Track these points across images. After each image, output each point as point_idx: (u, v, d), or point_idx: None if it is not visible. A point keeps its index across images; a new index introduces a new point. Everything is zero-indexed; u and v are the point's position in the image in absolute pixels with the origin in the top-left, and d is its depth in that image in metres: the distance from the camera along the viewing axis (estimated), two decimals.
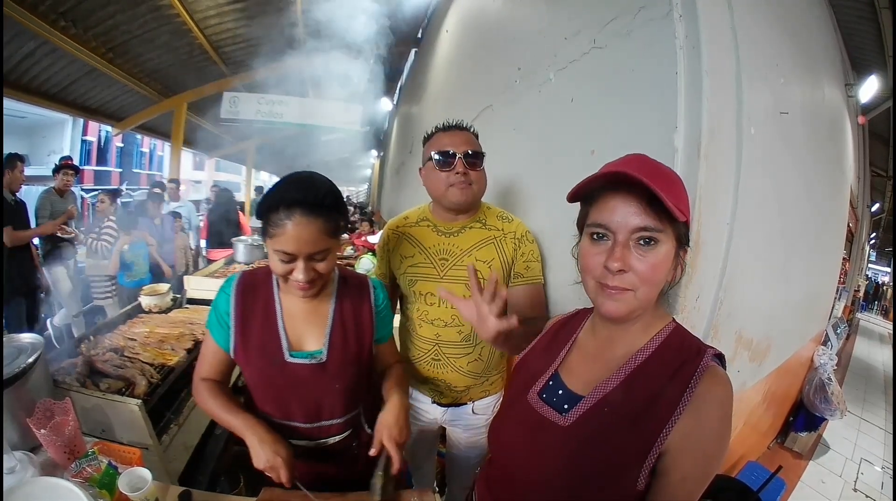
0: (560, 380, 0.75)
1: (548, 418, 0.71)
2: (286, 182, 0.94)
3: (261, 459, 0.93)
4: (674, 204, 0.60)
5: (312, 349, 1.03)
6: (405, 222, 1.37)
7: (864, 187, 4.79)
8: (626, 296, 0.64)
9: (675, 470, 0.61)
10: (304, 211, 0.87)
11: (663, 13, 1.03)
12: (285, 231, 0.87)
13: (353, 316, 1.09)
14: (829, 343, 3.10)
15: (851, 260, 5.18)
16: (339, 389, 1.06)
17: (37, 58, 4.18)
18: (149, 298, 2.37)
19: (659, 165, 0.66)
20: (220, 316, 1.03)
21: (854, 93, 3.21)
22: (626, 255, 0.63)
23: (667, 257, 0.63)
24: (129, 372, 1.66)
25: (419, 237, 1.32)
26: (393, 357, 1.24)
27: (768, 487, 1.67)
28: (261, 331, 1.02)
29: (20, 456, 1.01)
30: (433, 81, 4.52)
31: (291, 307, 1.05)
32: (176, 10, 4.20)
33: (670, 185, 0.62)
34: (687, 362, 0.64)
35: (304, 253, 0.90)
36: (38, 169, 10.61)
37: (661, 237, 0.63)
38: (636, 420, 0.62)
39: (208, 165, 18.37)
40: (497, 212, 1.34)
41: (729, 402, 0.62)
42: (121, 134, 6.71)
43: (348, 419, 1.11)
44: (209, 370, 1.08)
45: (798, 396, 2.76)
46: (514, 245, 1.28)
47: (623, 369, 0.67)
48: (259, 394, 1.07)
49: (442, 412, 1.40)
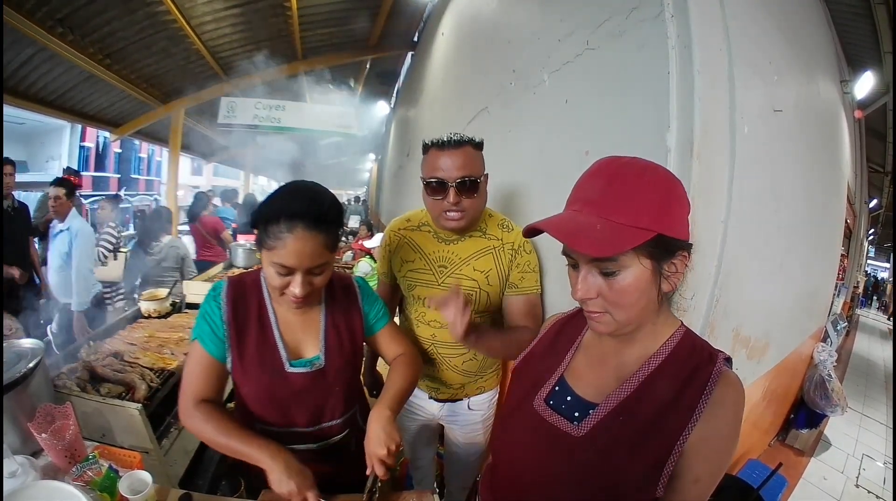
0: (567, 386, 0.74)
1: (558, 427, 0.70)
2: (287, 193, 0.90)
3: (284, 486, 0.87)
4: (629, 222, 0.58)
5: (310, 357, 1.03)
6: (407, 224, 1.37)
7: (861, 183, 4.79)
8: (605, 318, 0.65)
9: (689, 472, 0.61)
10: (307, 225, 0.84)
11: (655, 13, 1.04)
12: (285, 245, 0.84)
13: (344, 318, 1.09)
14: (828, 340, 3.10)
15: (850, 256, 5.18)
16: (339, 390, 1.07)
17: (34, 64, 4.18)
18: (148, 303, 2.38)
19: (617, 179, 0.62)
20: (213, 327, 0.97)
21: (850, 89, 3.22)
22: (590, 283, 0.64)
23: (637, 279, 0.61)
24: (129, 377, 1.67)
25: (420, 243, 1.33)
26: (396, 346, 1.16)
27: (769, 484, 1.66)
28: (257, 343, 0.99)
29: (21, 460, 1.02)
30: (429, 84, 4.53)
31: (285, 316, 1.03)
32: (173, 16, 4.20)
33: (629, 199, 0.60)
34: (700, 367, 0.64)
35: (304, 267, 0.87)
36: (36, 175, 10.65)
37: (622, 264, 0.61)
38: (653, 428, 0.63)
39: (206, 171, 18.39)
40: (499, 220, 1.32)
41: (741, 405, 0.63)
42: (119, 140, 6.70)
43: (347, 418, 1.12)
44: (203, 387, 0.97)
45: (798, 393, 2.76)
46: (511, 256, 1.26)
47: (636, 376, 0.67)
48: (258, 406, 1.03)
49: (439, 408, 1.42)
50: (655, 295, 0.64)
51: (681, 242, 0.63)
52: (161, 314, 2.39)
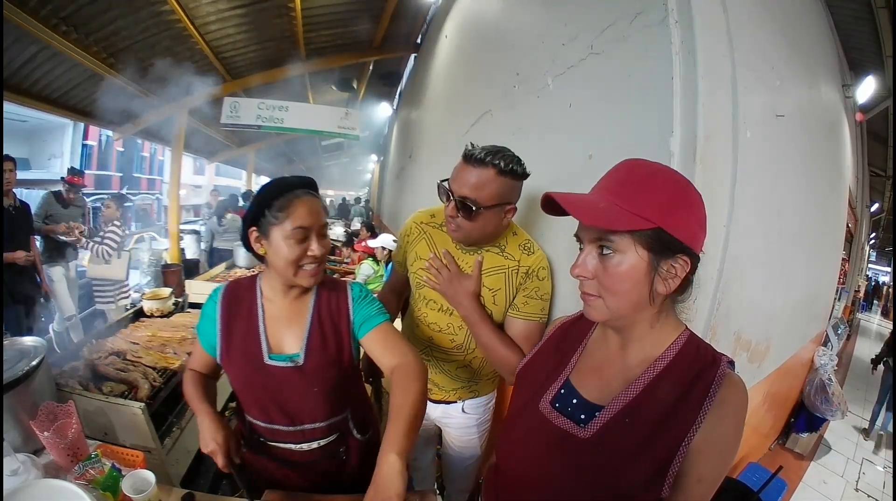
0: (573, 388, 0.75)
1: (565, 429, 0.70)
2: (273, 181, 1.01)
3: (205, 446, 1.01)
4: (632, 209, 0.61)
5: (291, 352, 1.04)
6: (431, 220, 1.34)
7: (862, 187, 4.79)
8: (597, 303, 0.67)
9: (693, 472, 0.62)
10: (307, 190, 1.00)
11: (659, 18, 1.04)
12: (297, 207, 0.95)
13: (331, 318, 1.09)
14: (829, 344, 3.10)
15: (851, 260, 5.18)
16: (318, 392, 1.06)
17: (38, 62, 4.19)
18: (150, 302, 2.38)
19: (636, 171, 0.66)
20: (207, 322, 1.09)
21: (851, 93, 3.22)
22: (588, 262, 0.66)
23: (632, 267, 0.63)
24: (132, 376, 1.67)
25: (438, 243, 1.29)
26: (393, 350, 1.01)
27: (769, 488, 1.66)
28: (243, 334, 1.05)
29: (23, 459, 1.02)
30: (432, 87, 4.53)
31: (273, 311, 1.07)
32: (177, 15, 4.21)
33: (637, 191, 0.63)
34: (704, 369, 0.65)
35: (318, 225, 0.98)
36: (38, 173, 10.67)
37: (619, 246, 0.63)
38: (659, 430, 0.63)
39: (209, 170, 18.41)
40: (522, 240, 1.24)
41: (744, 407, 0.64)
42: (121, 138, 6.71)
43: (332, 423, 1.10)
44: (197, 363, 1.16)
45: (799, 397, 2.76)
46: (522, 279, 1.21)
47: (642, 378, 0.67)
48: (243, 397, 1.11)
49: (433, 409, 1.42)
50: (648, 292, 0.64)
51: (682, 245, 0.63)
52: (163, 313, 2.39)
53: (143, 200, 16.01)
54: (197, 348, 1.14)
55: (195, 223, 8.67)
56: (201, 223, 7.13)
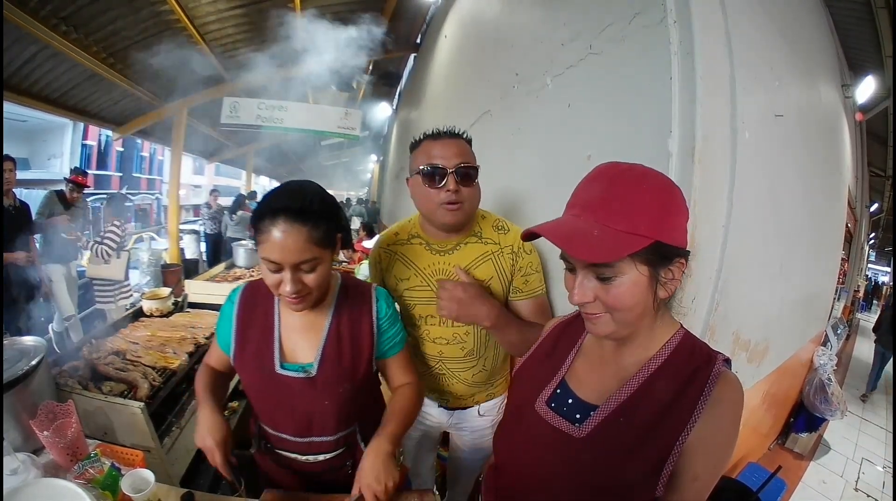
0: (568, 388, 0.75)
1: (560, 429, 0.71)
2: (275, 190, 0.93)
3: (200, 441, 1.00)
4: (627, 229, 0.59)
5: (304, 362, 1.01)
6: (395, 239, 1.30)
7: (862, 188, 4.80)
8: (603, 319, 0.66)
9: (688, 471, 0.62)
10: (289, 218, 0.84)
11: (658, 19, 1.05)
12: (269, 238, 0.85)
13: (351, 330, 1.04)
14: (828, 344, 3.10)
15: (850, 260, 5.19)
16: (330, 405, 1.02)
17: (38, 62, 4.20)
18: (150, 302, 2.38)
19: (617, 181, 0.63)
20: (224, 322, 1.07)
21: (851, 93, 3.23)
22: (587, 288, 0.64)
23: (634, 285, 0.62)
24: (131, 375, 1.67)
25: (412, 258, 1.25)
26: (403, 375, 1.13)
27: (768, 487, 1.67)
28: (257, 340, 1.02)
29: (23, 458, 1.02)
30: (432, 87, 4.54)
31: (289, 318, 1.04)
32: (176, 15, 4.22)
33: (627, 206, 0.61)
34: (700, 368, 0.65)
35: (290, 262, 0.86)
36: (38, 173, 10.67)
37: (619, 270, 0.62)
38: (653, 428, 0.63)
39: (208, 170, 18.40)
40: (493, 220, 1.26)
41: (740, 405, 0.64)
42: (121, 138, 6.71)
43: (341, 437, 1.07)
44: (213, 360, 1.15)
45: (798, 397, 2.76)
46: (512, 259, 1.20)
47: (636, 377, 0.67)
48: (254, 403, 1.10)
49: (448, 416, 1.39)
50: (651, 301, 0.64)
51: (678, 249, 0.63)
52: (163, 313, 2.39)
53: (143, 200, 16.01)
54: (214, 345, 1.13)
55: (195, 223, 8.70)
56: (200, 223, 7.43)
